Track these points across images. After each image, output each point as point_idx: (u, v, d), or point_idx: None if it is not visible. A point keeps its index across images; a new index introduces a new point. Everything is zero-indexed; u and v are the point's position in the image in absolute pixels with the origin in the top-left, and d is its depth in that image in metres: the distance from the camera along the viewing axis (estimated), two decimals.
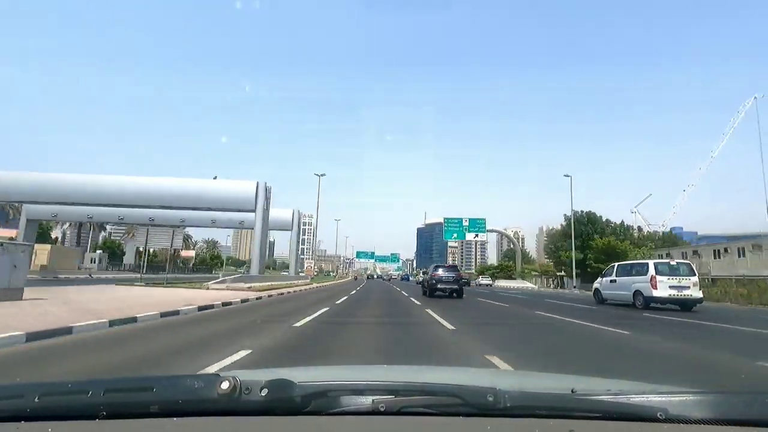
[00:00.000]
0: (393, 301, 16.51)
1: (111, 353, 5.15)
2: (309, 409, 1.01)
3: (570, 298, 22.63)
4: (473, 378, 1.93)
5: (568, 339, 7.43)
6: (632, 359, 5.60)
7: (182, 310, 9.21)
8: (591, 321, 9.94)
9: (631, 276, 15.83)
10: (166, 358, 4.92)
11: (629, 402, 1.07)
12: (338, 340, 6.60)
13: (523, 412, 1.04)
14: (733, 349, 6.66)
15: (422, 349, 5.93)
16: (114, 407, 1.00)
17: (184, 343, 5.94)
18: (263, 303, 13.64)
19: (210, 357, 4.73)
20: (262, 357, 4.97)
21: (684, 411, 1.01)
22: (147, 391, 1.07)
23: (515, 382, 1.74)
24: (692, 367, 5.13)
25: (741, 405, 1.06)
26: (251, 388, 1.01)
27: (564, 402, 1.09)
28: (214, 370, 4.07)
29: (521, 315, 11.99)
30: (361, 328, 8.34)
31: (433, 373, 2.13)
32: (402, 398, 1.05)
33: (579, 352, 6.12)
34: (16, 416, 0.97)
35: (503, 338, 7.42)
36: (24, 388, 1.07)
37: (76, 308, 8.77)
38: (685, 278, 14.39)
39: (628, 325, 9.23)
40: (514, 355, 5.28)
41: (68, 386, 1.09)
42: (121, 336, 6.27)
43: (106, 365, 4.51)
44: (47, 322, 6.51)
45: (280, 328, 7.34)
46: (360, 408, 1.02)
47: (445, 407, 1.04)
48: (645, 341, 7.23)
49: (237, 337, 6.21)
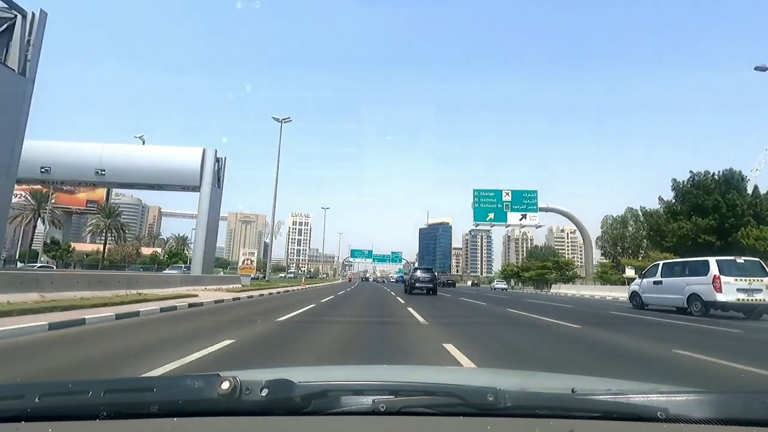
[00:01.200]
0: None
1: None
2: (309, 409, 1.01)
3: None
4: (473, 378, 1.93)
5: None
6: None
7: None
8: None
9: (683, 276, 13.69)
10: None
11: (629, 402, 1.07)
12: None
13: (523, 412, 1.03)
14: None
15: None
16: (114, 407, 1.00)
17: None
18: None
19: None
20: None
21: (684, 411, 1.01)
22: (147, 392, 1.07)
23: (515, 381, 1.74)
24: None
25: (741, 405, 1.06)
26: (251, 388, 1.01)
27: (564, 402, 1.09)
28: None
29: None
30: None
31: (433, 373, 2.14)
32: (402, 398, 1.05)
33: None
34: (17, 416, 0.96)
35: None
36: (24, 388, 1.07)
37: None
38: (757, 279, 12.28)
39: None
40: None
41: (68, 386, 1.09)
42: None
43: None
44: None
45: None
46: (360, 408, 1.02)
47: (445, 407, 1.04)
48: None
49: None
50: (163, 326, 7.68)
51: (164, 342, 6.18)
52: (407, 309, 12.64)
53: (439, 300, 18.84)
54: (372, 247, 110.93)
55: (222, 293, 16.62)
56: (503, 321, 10.67)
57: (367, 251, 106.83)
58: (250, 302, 14.66)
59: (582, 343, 7.07)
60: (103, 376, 4.82)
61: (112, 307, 9.15)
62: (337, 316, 10.57)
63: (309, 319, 9.67)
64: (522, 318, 11.43)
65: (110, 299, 10.62)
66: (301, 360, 5.09)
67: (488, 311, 13.76)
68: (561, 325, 9.40)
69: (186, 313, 10.14)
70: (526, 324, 10.04)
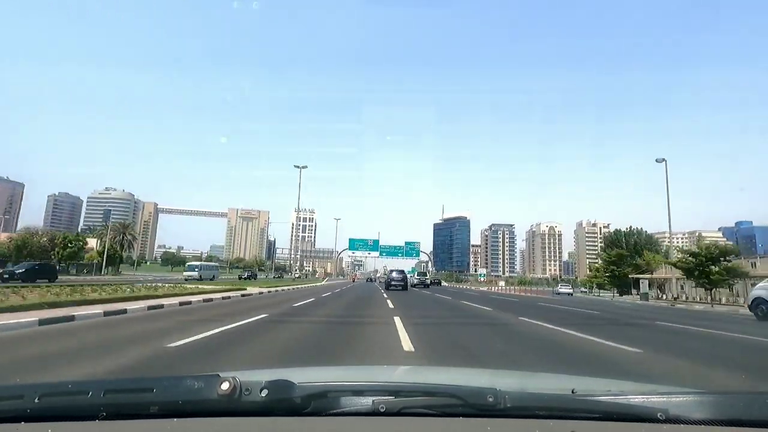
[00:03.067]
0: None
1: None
2: (309, 409, 1.01)
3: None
4: (473, 378, 1.94)
5: None
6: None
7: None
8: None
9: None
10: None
11: (629, 402, 1.07)
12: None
13: (523, 413, 1.04)
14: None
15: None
16: (114, 408, 1.01)
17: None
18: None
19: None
20: None
21: (684, 411, 1.01)
22: (147, 392, 1.07)
23: (515, 382, 1.74)
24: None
25: (741, 405, 1.06)
26: (251, 388, 1.01)
27: (564, 402, 1.10)
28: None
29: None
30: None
31: (433, 374, 2.14)
32: (402, 399, 1.06)
33: None
34: (16, 417, 0.97)
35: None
36: (24, 388, 1.07)
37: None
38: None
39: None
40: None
41: (68, 386, 1.10)
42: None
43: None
44: None
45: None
46: (360, 409, 1.02)
47: (445, 408, 1.05)
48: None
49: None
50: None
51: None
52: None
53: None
54: (378, 237, 75.05)
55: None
56: None
57: (372, 242, 73.57)
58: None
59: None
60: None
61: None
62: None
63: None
64: None
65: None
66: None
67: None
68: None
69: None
70: None
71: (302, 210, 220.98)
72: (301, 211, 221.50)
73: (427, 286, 42.38)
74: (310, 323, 9.22)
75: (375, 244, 73.50)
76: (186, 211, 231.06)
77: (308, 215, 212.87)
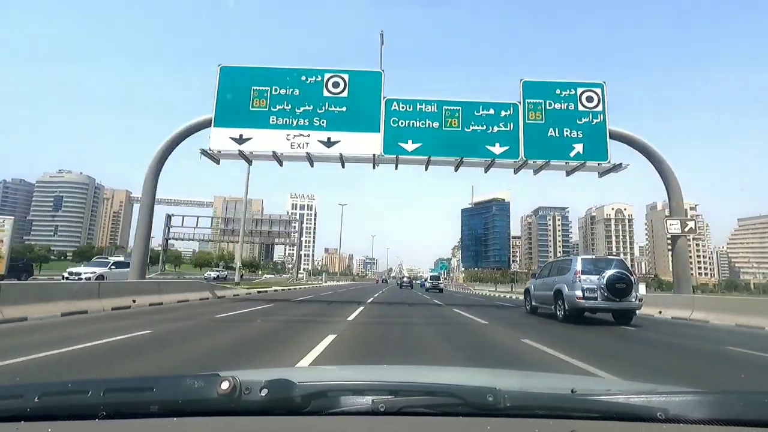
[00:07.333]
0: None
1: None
2: (309, 409, 1.01)
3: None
4: (473, 378, 1.94)
5: None
6: None
7: None
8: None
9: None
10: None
11: (629, 402, 1.07)
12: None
13: (523, 412, 1.04)
14: None
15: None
16: (114, 407, 1.00)
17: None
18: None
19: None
20: None
21: (684, 411, 1.01)
22: (147, 391, 1.07)
23: (515, 382, 1.74)
24: None
25: (741, 405, 1.06)
26: (251, 388, 1.01)
27: (564, 402, 1.10)
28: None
29: None
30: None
31: (433, 373, 2.14)
32: (402, 398, 1.05)
33: None
34: (16, 416, 0.97)
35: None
36: (24, 388, 1.07)
37: None
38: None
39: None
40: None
41: (68, 386, 1.09)
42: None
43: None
44: None
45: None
46: (360, 408, 1.02)
47: (445, 407, 1.04)
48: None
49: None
50: None
51: None
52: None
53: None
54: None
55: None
56: None
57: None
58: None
59: None
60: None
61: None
62: None
63: None
64: None
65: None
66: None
67: None
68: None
69: None
70: None
71: (298, 195, 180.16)
72: (298, 197, 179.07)
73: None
74: None
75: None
76: (165, 200, 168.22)
77: (307, 201, 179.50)
